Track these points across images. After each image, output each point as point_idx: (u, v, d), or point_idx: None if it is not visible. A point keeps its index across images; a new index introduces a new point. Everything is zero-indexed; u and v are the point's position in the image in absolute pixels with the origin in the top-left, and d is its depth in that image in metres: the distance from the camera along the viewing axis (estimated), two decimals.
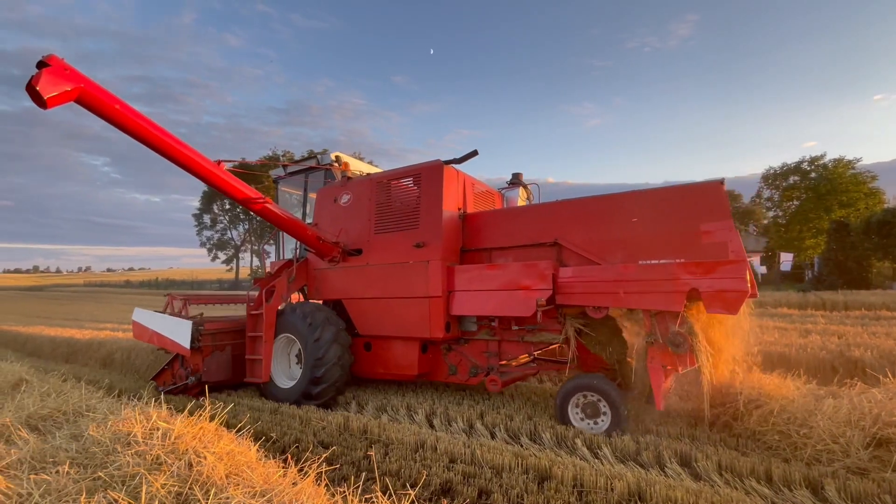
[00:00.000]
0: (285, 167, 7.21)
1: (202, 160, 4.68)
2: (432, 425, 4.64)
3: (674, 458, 3.47)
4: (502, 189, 6.83)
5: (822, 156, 37.39)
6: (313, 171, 6.76)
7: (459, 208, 5.60)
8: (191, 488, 2.07)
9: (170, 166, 4.57)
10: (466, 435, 4.29)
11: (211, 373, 6.02)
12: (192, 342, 5.80)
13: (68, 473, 2.23)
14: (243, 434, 2.91)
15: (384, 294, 5.58)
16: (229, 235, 64.64)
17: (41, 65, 3.55)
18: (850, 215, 31.97)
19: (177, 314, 6.77)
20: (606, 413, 4.27)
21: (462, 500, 2.92)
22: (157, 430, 2.55)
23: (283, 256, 7.18)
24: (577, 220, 4.87)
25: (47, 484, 2.15)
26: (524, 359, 5.42)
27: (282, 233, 7.06)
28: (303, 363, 5.66)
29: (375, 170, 7.09)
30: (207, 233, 64.05)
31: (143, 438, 2.47)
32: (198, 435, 2.59)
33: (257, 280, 6.22)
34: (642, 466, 3.43)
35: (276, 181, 7.36)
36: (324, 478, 2.57)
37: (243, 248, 64.27)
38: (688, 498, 2.76)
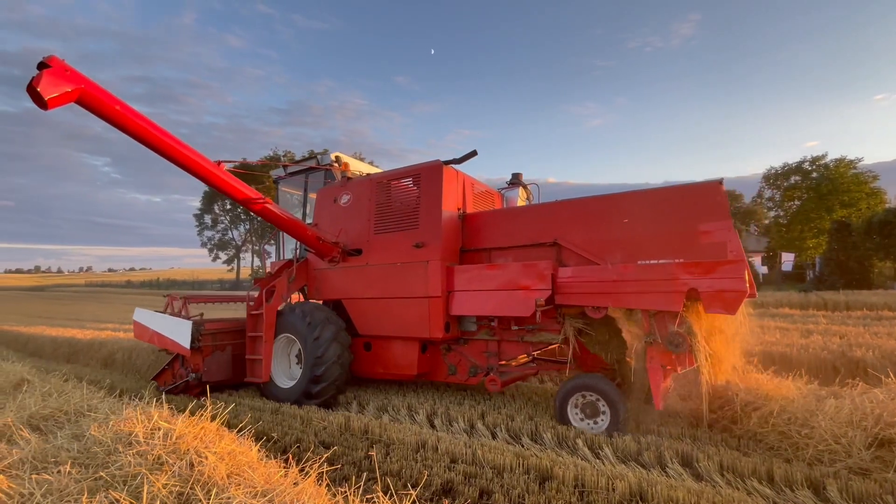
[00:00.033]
0: (285, 167, 7.22)
1: (202, 161, 4.68)
2: (433, 425, 4.64)
3: (675, 459, 3.47)
4: (502, 189, 6.82)
5: (823, 155, 37.37)
6: (313, 172, 6.77)
7: (459, 208, 5.60)
8: (192, 488, 2.07)
9: (170, 166, 4.57)
10: (467, 435, 4.29)
11: (211, 373, 6.03)
12: (192, 342, 5.81)
13: (70, 473, 2.23)
14: (244, 434, 2.92)
15: (384, 294, 5.58)
16: (230, 236, 64.75)
17: (42, 66, 3.55)
18: (852, 215, 31.95)
19: (177, 314, 6.77)
20: (605, 412, 4.27)
21: (463, 501, 2.92)
22: (159, 430, 2.55)
23: (283, 256, 7.18)
24: (576, 221, 4.86)
25: (49, 484, 2.16)
26: (523, 359, 5.42)
27: (282, 233, 7.07)
28: (303, 362, 5.66)
29: (375, 170, 7.09)
30: (208, 233, 64.28)
31: (144, 438, 2.47)
32: (199, 435, 2.59)
33: (257, 280, 6.23)
34: (644, 467, 3.43)
35: (276, 181, 7.37)
36: (325, 478, 2.57)
37: (244, 248, 64.33)
38: (689, 498, 2.76)
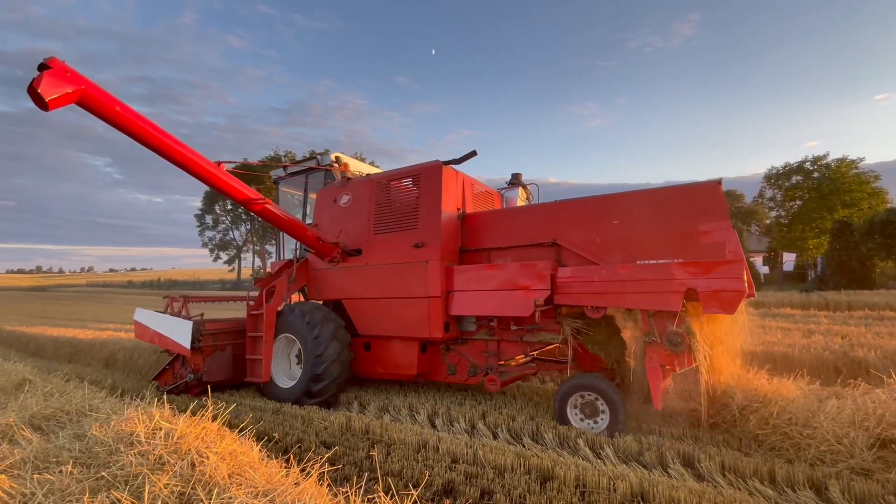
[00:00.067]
0: (286, 168, 7.23)
1: (202, 161, 4.68)
2: (434, 425, 4.64)
3: (677, 459, 3.46)
4: (501, 189, 6.83)
5: (824, 155, 37.23)
6: (313, 172, 6.77)
7: (458, 209, 5.60)
8: (193, 488, 2.08)
9: (171, 166, 4.57)
10: (468, 435, 4.29)
11: (211, 373, 6.04)
12: (192, 342, 5.81)
13: (71, 473, 2.23)
14: (246, 434, 2.92)
15: (383, 294, 5.58)
16: (231, 236, 64.83)
17: (42, 67, 3.55)
18: (853, 215, 31.87)
19: (177, 314, 6.78)
20: (605, 412, 4.27)
21: (464, 501, 2.92)
22: (160, 430, 2.55)
23: (283, 257, 7.19)
24: (575, 221, 4.86)
25: (50, 484, 2.16)
26: (521, 359, 5.41)
27: (282, 233, 7.07)
28: (303, 362, 5.67)
29: (375, 170, 7.10)
30: (209, 233, 64.37)
31: (145, 438, 2.47)
32: (200, 435, 2.59)
33: (258, 280, 6.23)
34: (645, 467, 3.42)
35: (276, 182, 7.38)
36: (326, 478, 2.57)
37: (245, 248, 64.40)
38: (691, 499, 2.75)
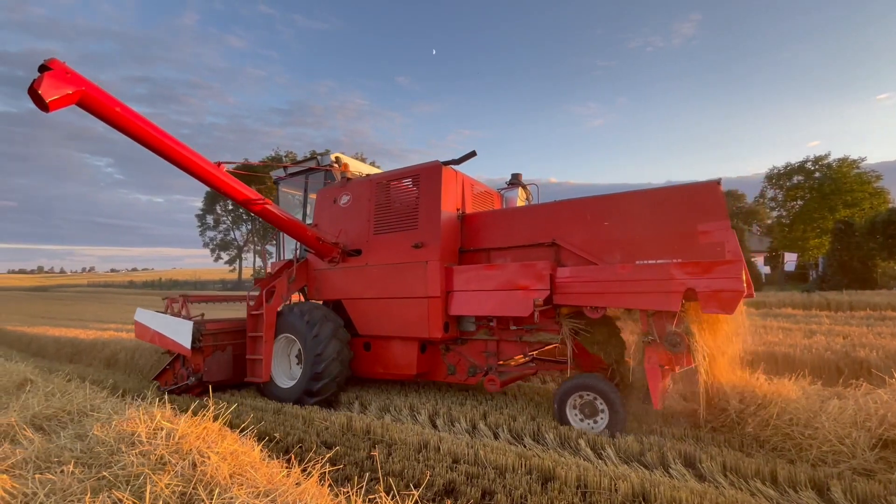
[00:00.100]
0: (286, 168, 7.23)
1: (201, 162, 4.68)
2: (435, 426, 4.64)
3: (678, 459, 3.46)
4: (501, 189, 6.83)
5: (826, 155, 37.18)
6: (313, 172, 6.78)
7: (458, 209, 5.60)
8: (195, 488, 2.08)
9: (172, 167, 4.57)
10: (469, 435, 4.29)
11: (212, 373, 6.04)
12: (193, 342, 5.81)
13: (73, 473, 2.24)
14: (247, 434, 2.93)
15: (383, 294, 5.59)
16: (232, 236, 64.89)
17: (43, 68, 3.56)
18: (855, 215, 31.80)
19: (177, 314, 6.78)
20: (604, 411, 4.26)
21: (465, 501, 2.92)
22: (161, 430, 2.56)
23: (283, 257, 7.19)
24: (574, 221, 4.86)
25: (52, 483, 2.16)
26: (520, 359, 5.41)
27: (283, 233, 7.08)
28: (303, 361, 5.67)
29: (375, 170, 7.10)
30: (210, 233, 64.45)
31: (147, 438, 2.48)
32: (201, 435, 2.59)
33: (258, 281, 6.23)
34: (646, 467, 3.42)
35: (276, 182, 7.39)
36: (327, 478, 2.57)
37: (246, 248, 64.46)
38: (692, 499, 2.75)
